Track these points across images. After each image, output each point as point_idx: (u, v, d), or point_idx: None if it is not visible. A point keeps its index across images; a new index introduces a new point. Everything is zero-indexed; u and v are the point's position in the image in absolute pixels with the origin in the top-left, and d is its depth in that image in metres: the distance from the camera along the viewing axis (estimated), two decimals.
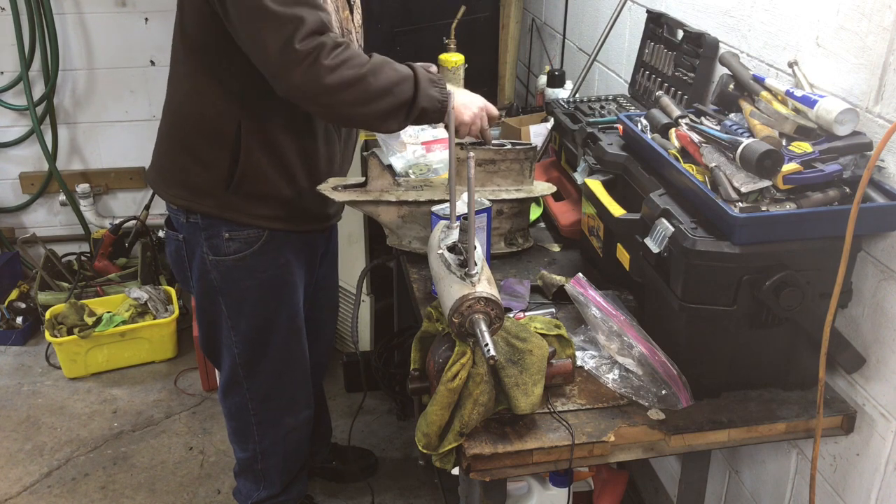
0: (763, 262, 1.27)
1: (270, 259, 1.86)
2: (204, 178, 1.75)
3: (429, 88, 1.62)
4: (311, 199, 1.84)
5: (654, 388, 1.39)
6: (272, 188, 1.78)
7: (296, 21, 1.48)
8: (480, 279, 1.27)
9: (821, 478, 1.54)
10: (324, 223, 1.97)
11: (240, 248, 1.82)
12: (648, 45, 2.07)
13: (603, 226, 1.69)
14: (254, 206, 1.78)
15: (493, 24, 3.09)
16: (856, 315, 1.42)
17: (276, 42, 1.48)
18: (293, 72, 1.50)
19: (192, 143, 1.75)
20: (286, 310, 1.95)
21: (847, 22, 1.37)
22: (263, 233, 1.82)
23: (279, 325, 1.95)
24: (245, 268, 1.85)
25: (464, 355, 1.28)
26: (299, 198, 1.83)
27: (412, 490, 2.57)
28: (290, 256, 1.90)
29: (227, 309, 1.90)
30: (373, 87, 1.55)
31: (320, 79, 1.50)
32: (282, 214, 1.82)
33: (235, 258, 1.83)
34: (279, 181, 1.78)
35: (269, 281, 1.88)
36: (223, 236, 1.80)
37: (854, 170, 1.31)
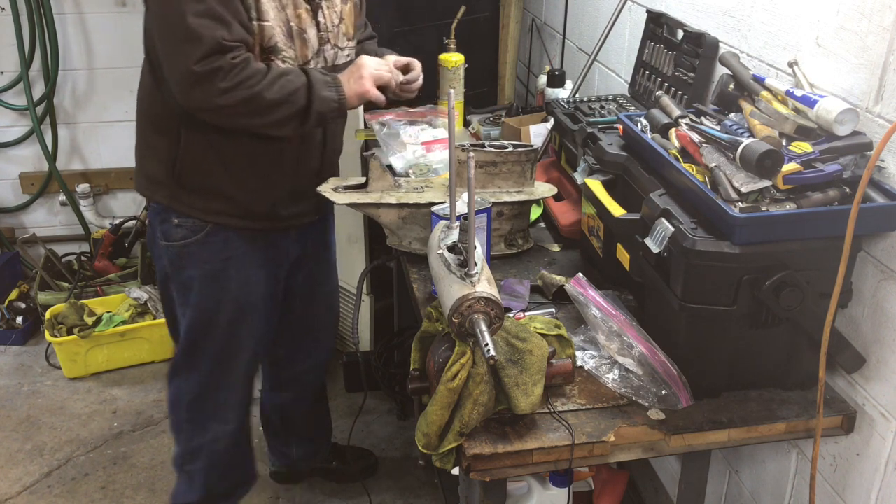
0: (763, 262, 1.27)
1: (214, 251, 1.87)
2: (157, 168, 1.83)
3: (322, 91, 1.67)
4: (256, 198, 1.85)
5: (654, 388, 1.39)
6: (214, 183, 1.81)
7: (196, 42, 1.54)
8: (480, 279, 1.27)
9: (821, 478, 1.54)
10: (277, 223, 1.93)
11: (185, 234, 1.85)
12: (648, 45, 2.07)
13: (603, 226, 1.69)
14: (196, 199, 1.82)
15: (493, 24, 3.09)
16: (856, 315, 1.42)
17: (178, 63, 1.58)
18: (191, 92, 1.59)
19: (147, 135, 1.85)
20: (230, 307, 1.93)
21: (847, 22, 1.37)
22: (207, 224, 1.84)
23: (220, 322, 1.93)
24: (189, 255, 1.87)
25: (464, 355, 1.28)
26: (243, 195, 1.83)
27: (412, 490, 2.57)
28: (237, 252, 1.89)
29: (176, 296, 1.95)
30: (266, 102, 1.62)
31: (215, 99, 1.58)
32: (223, 209, 1.83)
33: (181, 245, 1.86)
34: (221, 177, 1.80)
35: (212, 273, 1.89)
36: (173, 222, 1.84)
37: (854, 170, 1.31)
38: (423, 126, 2.41)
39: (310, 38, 1.75)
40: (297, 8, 1.71)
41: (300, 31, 1.73)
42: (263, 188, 1.84)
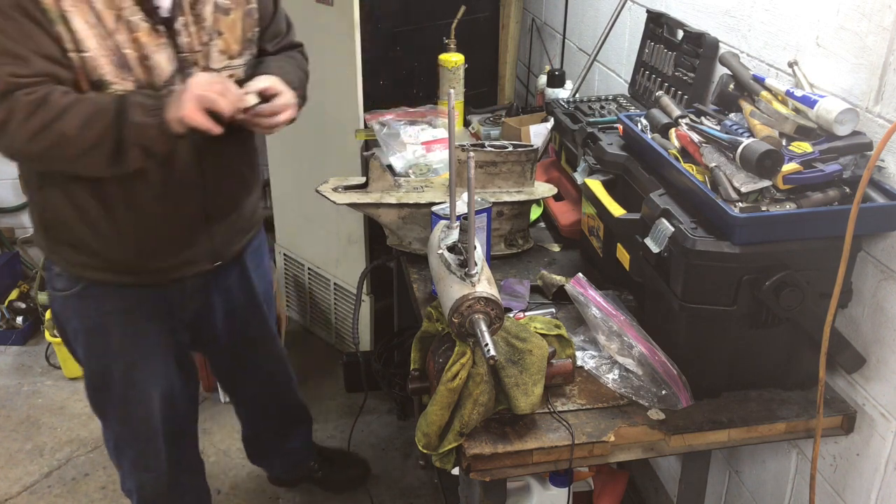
0: (763, 262, 1.27)
1: (92, 306, 1.71)
2: (34, 219, 1.71)
3: (136, 117, 1.43)
4: (119, 251, 1.63)
5: (654, 388, 1.39)
6: (76, 236, 1.61)
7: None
8: (480, 279, 1.27)
9: (821, 478, 1.54)
10: (155, 278, 1.70)
11: (65, 286, 1.70)
12: (648, 45, 2.07)
13: (603, 226, 1.69)
14: (65, 253, 1.65)
15: (493, 24, 3.09)
16: (856, 315, 1.42)
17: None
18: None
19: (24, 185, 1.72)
20: (118, 362, 1.77)
21: (847, 22, 1.37)
22: (81, 279, 1.68)
23: (112, 376, 1.79)
24: (72, 308, 1.72)
25: (464, 355, 1.28)
26: (106, 248, 1.62)
27: (412, 490, 2.57)
28: (116, 307, 1.71)
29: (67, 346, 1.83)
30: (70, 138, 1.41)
31: (17, 144, 1.43)
32: (90, 263, 1.64)
33: (63, 296, 1.71)
34: (82, 229, 1.60)
35: (94, 328, 1.73)
36: (54, 271, 1.71)
37: (854, 170, 1.31)
38: (423, 126, 2.42)
39: (158, 64, 1.49)
40: (132, 32, 1.45)
41: (141, 57, 1.48)
42: (126, 240, 1.62)
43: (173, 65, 1.51)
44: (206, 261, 1.74)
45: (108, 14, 1.42)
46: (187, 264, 1.71)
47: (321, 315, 3.21)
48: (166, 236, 1.65)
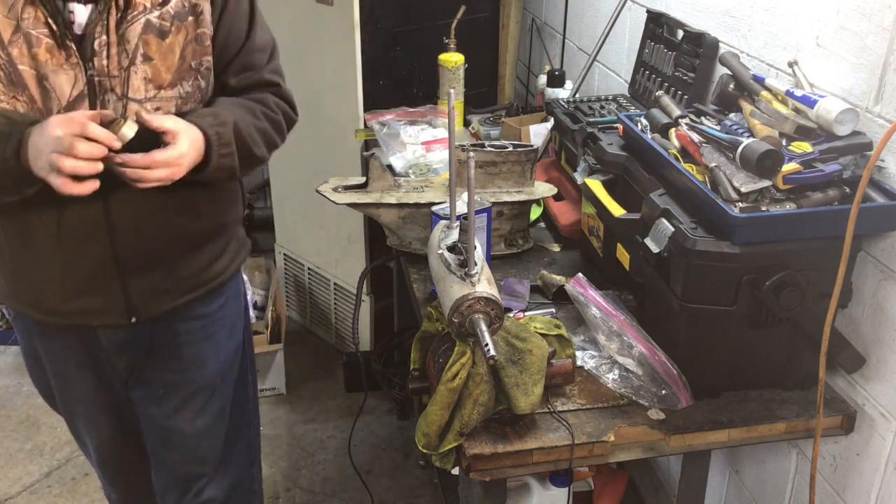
0: (763, 262, 1.27)
1: (24, 337, 1.60)
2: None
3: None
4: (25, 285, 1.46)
5: (654, 387, 1.39)
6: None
7: None
8: (480, 279, 1.27)
9: (821, 478, 1.54)
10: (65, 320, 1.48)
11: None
12: (648, 45, 2.07)
13: (603, 226, 1.69)
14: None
15: (493, 23, 3.09)
16: (856, 315, 1.42)
17: None
18: None
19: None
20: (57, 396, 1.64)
21: (847, 22, 1.37)
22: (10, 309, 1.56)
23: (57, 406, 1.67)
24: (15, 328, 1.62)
25: (464, 355, 1.28)
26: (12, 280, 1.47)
27: (412, 490, 2.57)
28: (43, 344, 1.56)
29: None
30: None
31: None
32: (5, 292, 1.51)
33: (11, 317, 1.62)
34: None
35: (31, 356, 1.63)
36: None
37: (854, 170, 1.31)
38: (423, 126, 2.42)
39: (57, 86, 1.28)
40: (32, 45, 1.25)
41: (39, 76, 1.27)
42: (23, 274, 1.44)
43: (78, 89, 1.29)
44: (117, 315, 1.47)
45: (3, 23, 1.24)
46: (91, 314, 1.46)
47: (321, 315, 3.21)
48: (62, 278, 1.43)
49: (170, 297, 1.51)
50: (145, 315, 1.49)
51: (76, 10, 1.28)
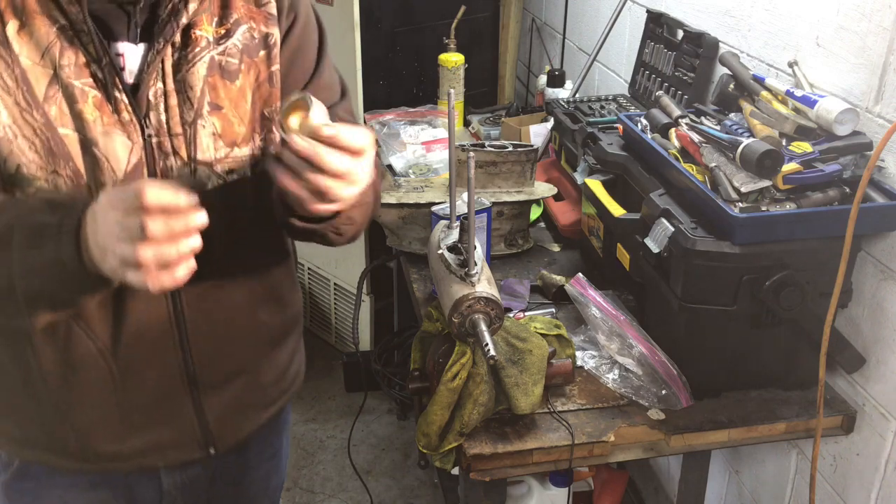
0: (763, 261, 1.27)
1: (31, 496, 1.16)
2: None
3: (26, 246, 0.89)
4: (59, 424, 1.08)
5: (654, 387, 1.39)
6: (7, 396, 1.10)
7: None
8: (480, 279, 1.27)
9: (821, 478, 1.54)
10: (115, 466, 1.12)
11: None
12: (648, 45, 2.07)
13: (603, 226, 1.69)
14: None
15: (493, 23, 3.09)
16: (856, 315, 1.42)
17: None
18: None
19: None
20: None
21: (847, 22, 1.37)
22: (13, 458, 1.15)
23: None
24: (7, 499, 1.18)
25: (464, 355, 1.28)
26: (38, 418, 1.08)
27: (412, 490, 2.57)
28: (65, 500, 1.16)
29: None
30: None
31: None
32: (24, 437, 1.11)
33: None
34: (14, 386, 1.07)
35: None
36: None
37: (854, 170, 1.31)
38: (423, 126, 2.42)
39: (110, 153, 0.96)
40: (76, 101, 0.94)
41: (85, 140, 0.95)
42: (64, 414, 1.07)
43: (137, 154, 0.98)
44: (191, 446, 1.14)
45: (37, 72, 0.92)
46: (157, 450, 1.13)
47: (321, 315, 3.21)
48: (118, 407, 1.07)
49: (253, 413, 1.20)
50: (226, 443, 1.17)
51: (126, 52, 0.97)
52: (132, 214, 0.79)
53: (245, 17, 1.03)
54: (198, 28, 1.00)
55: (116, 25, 0.97)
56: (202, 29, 1.00)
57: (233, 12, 1.03)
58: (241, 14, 1.03)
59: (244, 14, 1.03)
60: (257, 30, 1.04)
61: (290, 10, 1.07)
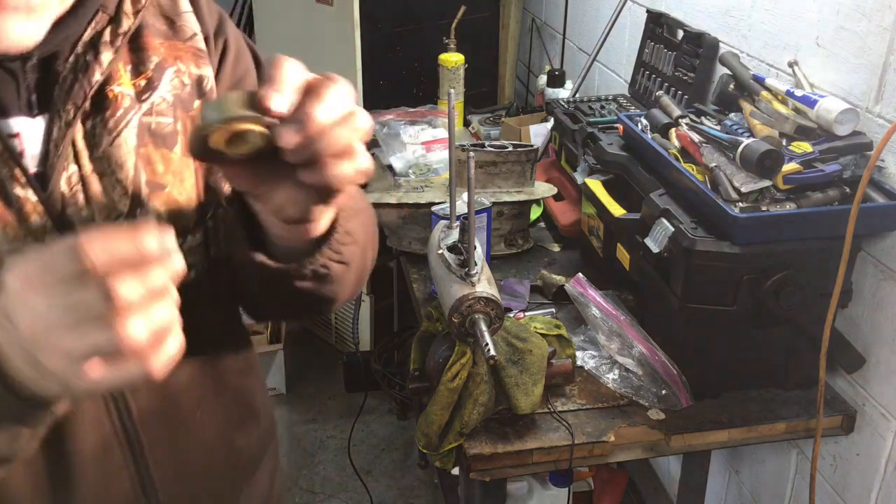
0: (763, 261, 1.27)
1: None
2: None
3: None
4: None
5: (654, 387, 1.39)
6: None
7: None
8: (480, 279, 1.27)
9: (821, 478, 1.54)
10: None
11: None
12: (648, 45, 2.07)
13: (603, 226, 1.69)
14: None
15: (493, 23, 3.09)
16: (856, 315, 1.41)
17: None
18: None
19: None
20: None
21: (847, 22, 1.37)
22: None
23: None
24: None
25: (464, 355, 1.28)
26: None
27: (412, 490, 2.57)
28: None
29: None
30: None
31: None
32: None
33: None
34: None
35: None
36: None
37: (854, 170, 1.31)
38: (423, 126, 2.42)
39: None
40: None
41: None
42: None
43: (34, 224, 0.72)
44: None
45: None
46: None
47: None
48: None
49: None
50: None
51: (21, 130, 0.70)
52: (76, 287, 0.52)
53: (168, 58, 0.78)
54: (114, 83, 0.74)
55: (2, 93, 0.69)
56: (120, 83, 0.74)
57: (151, 54, 0.77)
58: (161, 55, 0.78)
59: (166, 54, 0.78)
60: (187, 72, 0.80)
61: (218, 37, 0.85)
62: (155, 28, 0.78)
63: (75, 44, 0.71)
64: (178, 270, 0.55)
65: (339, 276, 0.80)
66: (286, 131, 0.58)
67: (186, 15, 0.81)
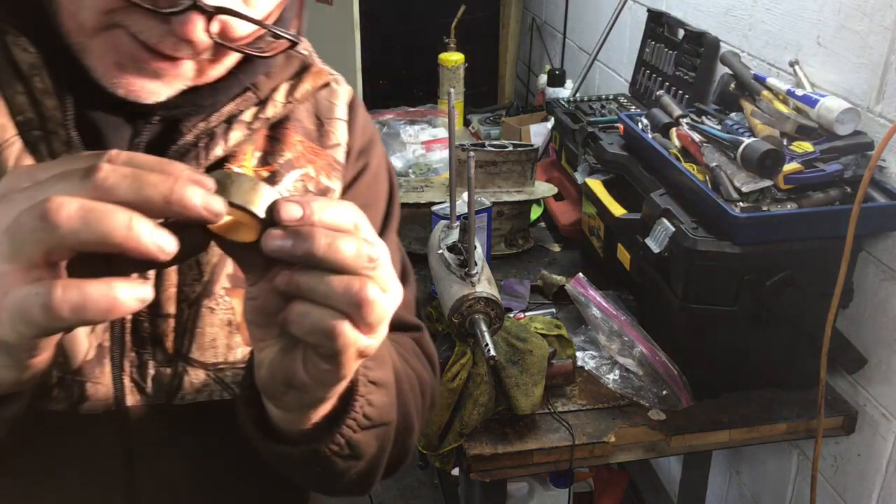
0: (764, 261, 1.27)
1: None
2: None
3: None
4: None
5: (655, 388, 1.39)
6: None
7: None
8: (480, 279, 1.26)
9: (822, 478, 1.53)
10: None
11: None
12: (649, 45, 2.07)
13: (603, 226, 1.69)
14: None
15: (494, 23, 3.09)
16: (857, 315, 1.41)
17: None
18: None
19: None
20: None
21: (848, 21, 1.37)
22: None
23: None
24: None
25: (464, 355, 1.28)
26: None
27: (412, 490, 2.57)
28: None
29: None
30: None
31: None
32: None
33: None
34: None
35: None
36: None
37: (855, 169, 1.31)
38: (422, 126, 2.42)
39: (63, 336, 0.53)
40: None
41: None
42: None
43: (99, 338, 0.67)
44: None
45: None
46: None
47: None
48: None
49: None
50: None
51: None
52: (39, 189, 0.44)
53: (301, 160, 0.74)
54: (237, 162, 0.71)
55: (112, 137, 0.66)
56: (242, 165, 0.71)
57: (285, 149, 0.74)
58: (296, 154, 0.74)
59: (301, 155, 0.74)
60: (315, 180, 0.75)
61: (361, 157, 0.80)
62: (301, 125, 0.76)
63: (210, 115, 0.69)
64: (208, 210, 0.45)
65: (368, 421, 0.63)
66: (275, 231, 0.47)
67: (338, 122, 0.78)
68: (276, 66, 0.73)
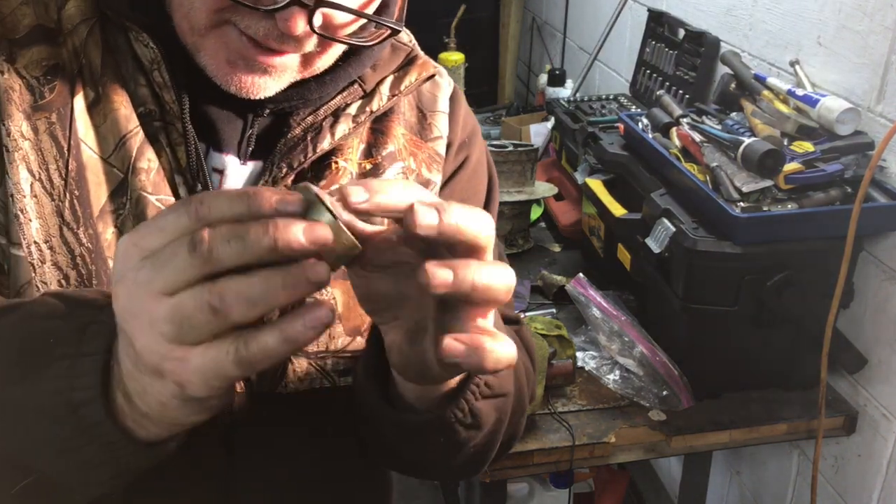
0: (765, 262, 1.27)
1: None
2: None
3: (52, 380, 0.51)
4: None
5: (655, 388, 1.39)
6: None
7: None
8: None
9: (822, 479, 1.53)
10: None
11: None
12: (649, 44, 2.07)
13: (604, 226, 1.69)
14: None
15: (494, 23, 3.09)
16: (857, 315, 1.41)
17: None
18: None
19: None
20: None
21: (849, 21, 1.37)
22: None
23: None
24: None
25: None
26: None
27: (412, 490, 2.56)
28: None
29: None
30: None
31: None
32: None
33: None
34: None
35: None
36: None
37: (856, 169, 1.31)
38: None
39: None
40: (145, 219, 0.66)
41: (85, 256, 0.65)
42: None
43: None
44: None
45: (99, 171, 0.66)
46: None
47: None
48: None
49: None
50: None
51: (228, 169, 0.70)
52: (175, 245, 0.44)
53: (402, 153, 0.75)
54: (342, 156, 0.72)
55: (224, 130, 0.70)
56: (346, 159, 0.72)
57: (388, 141, 0.75)
58: (398, 146, 0.75)
59: (403, 147, 0.76)
60: (416, 172, 0.76)
61: (461, 150, 0.80)
62: (404, 117, 0.77)
63: (318, 108, 0.71)
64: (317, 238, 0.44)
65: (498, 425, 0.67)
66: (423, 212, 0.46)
67: (440, 115, 0.79)
68: (382, 58, 0.75)
